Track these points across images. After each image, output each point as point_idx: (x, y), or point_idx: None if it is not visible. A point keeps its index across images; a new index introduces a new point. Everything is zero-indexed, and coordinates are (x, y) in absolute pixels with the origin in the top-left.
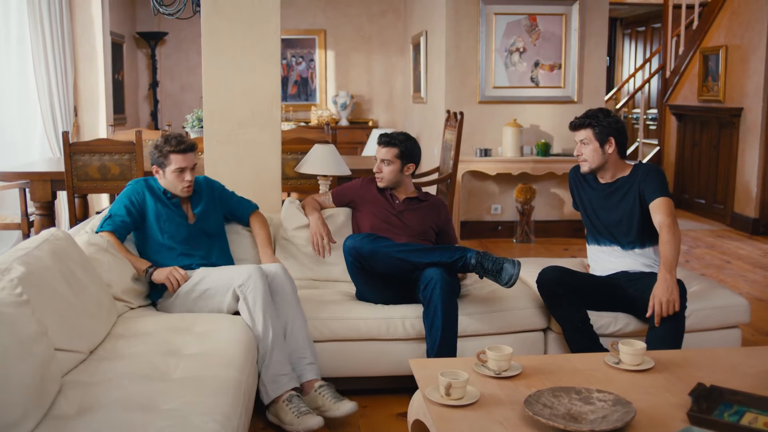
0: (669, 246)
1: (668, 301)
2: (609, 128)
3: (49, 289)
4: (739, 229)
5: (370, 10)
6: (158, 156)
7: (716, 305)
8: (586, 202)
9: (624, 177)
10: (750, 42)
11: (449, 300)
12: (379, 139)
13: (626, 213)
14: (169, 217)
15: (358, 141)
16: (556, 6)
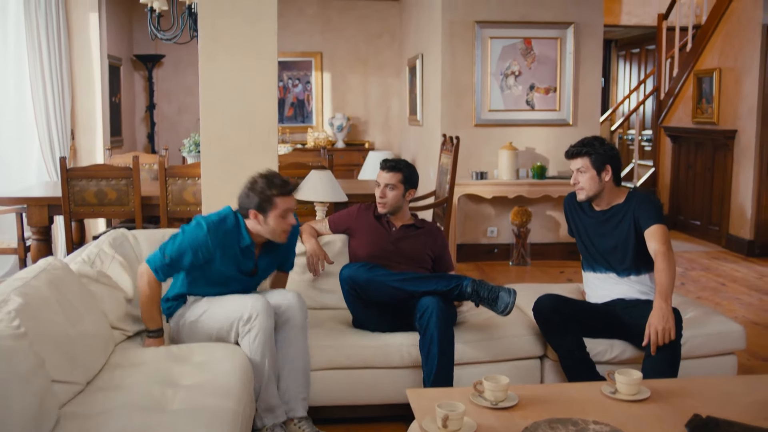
0: (664, 274)
1: (664, 329)
2: (605, 156)
3: (47, 321)
4: (735, 251)
5: (366, 32)
6: (261, 201)
7: (712, 332)
8: (582, 229)
9: (619, 204)
10: (743, 65)
11: (445, 328)
12: (382, 164)
13: (621, 240)
14: (231, 269)
15: (355, 163)
16: (551, 30)
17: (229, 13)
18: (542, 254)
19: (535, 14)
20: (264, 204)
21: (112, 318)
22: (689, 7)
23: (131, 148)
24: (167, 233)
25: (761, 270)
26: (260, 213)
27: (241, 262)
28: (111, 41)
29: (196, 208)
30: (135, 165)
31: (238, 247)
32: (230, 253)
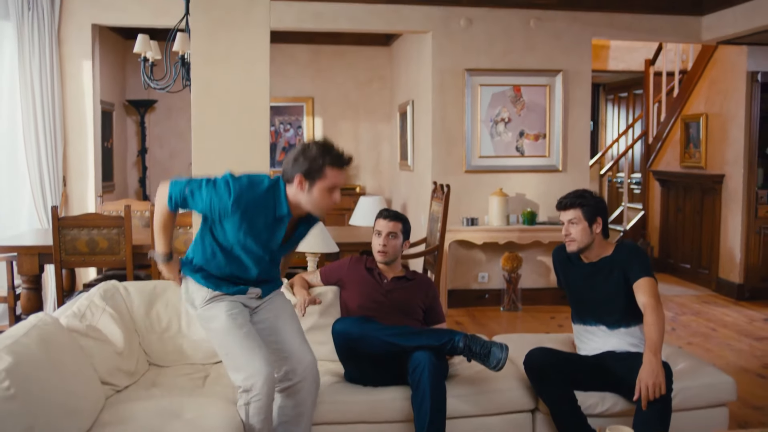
0: (653, 328)
1: (654, 384)
2: (596, 208)
3: (37, 381)
4: (725, 295)
5: (357, 78)
6: (311, 168)
7: (703, 383)
8: (571, 282)
9: (607, 256)
10: (728, 111)
11: (437, 383)
12: (384, 214)
13: (611, 293)
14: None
15: (346, 208)
16: (540, 77)
17: (222, 63)
18: (533, 299)
19: (524, 62)
20: (313, 172)
21: (102, 373)
22: (675, 53)
23: (123, 192)
24: (158, 285)
25: (751, 314)
26: (307, 180)
27: (270, 233)
28: (104, 87)
29: None
30: (126, 214)
31: (273, 215)
32: (259, 223)
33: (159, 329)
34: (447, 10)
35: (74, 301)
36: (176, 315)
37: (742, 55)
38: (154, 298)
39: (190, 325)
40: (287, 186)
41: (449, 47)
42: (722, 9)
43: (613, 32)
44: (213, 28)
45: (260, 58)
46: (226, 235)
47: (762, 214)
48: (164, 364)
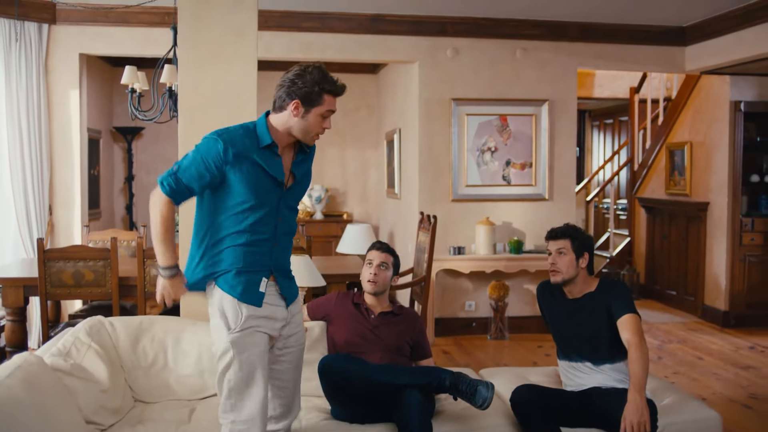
0: (637, 365)
1: (639, 423)
2: (584, 243)
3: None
4: (710, 321)
5: (344, 106)
6: (309, 92)
7: (688, 419)
8: (555, 318)
9: (591, 293)
10: (712, 140)
11: (425, 423)
12: (377, 245)
13: (595, 329)
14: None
15: (333, 235)
16: (526, 107)
17: (209, 96)
18: (520, 328)
19: (510, 92)
20: (311, 96)
21: (86, 412)
22: (660, 81)
23: (110, 219)
24: (144, 320)
25: (736, 342)
26: (303, 105)
27: (267, 171)
28: (91, 114)
29: None
30: (113, 246)
31: (257, 151)
32: (247, 165)
33: (145, 365)
34: (434, 40)
35: (59, 338)
36: (162, 350)
37: (725, 85)
38: (141, 333)
39: (176, 360)
40: (273, 115)
41: (436, 77)
42: (705, 40)
43: (598, 62)
44: (200, 61)
45: (247, 90)
46: (233, 198)
47: (746, 242)
48: (150, 400)
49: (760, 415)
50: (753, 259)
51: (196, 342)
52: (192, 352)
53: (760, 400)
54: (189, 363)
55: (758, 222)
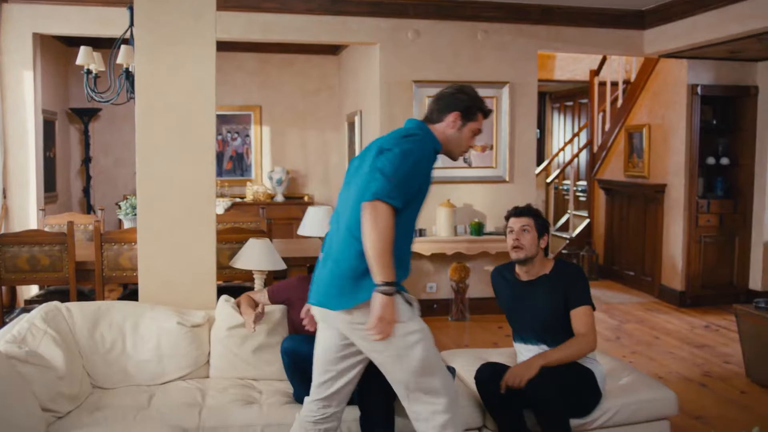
0: (567, 349)
1: (517, 375)
2: (545, 225)
3: None
4: (668, 301)
5: (304, 87)
6: (470, 105)
7: (644, 398)
8: (510, 301)
9: (546, 275)
10: (670, 122)
11: (386, 406)
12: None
13: (550, 313)
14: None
15: (294, 217)
16: (487, 89)
17: (167, 77)
18: (481, 309)
19: (471, 74)
20: (470, 110)
21: (43, 399)
22: (619, 64)
23: (66, 202)
24: (102, 306)
25: (692, 321)
26: (462, 119)
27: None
28: (46, 95)
29: (133, 273)
30: (69, 231)
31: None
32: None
33: (103, 350)
34: (394, 22)
35: (14, 324)
36: (120, 335)
37: (683, 69)
38: (98, 318)
39: (135, 346)
40: (435, 125)
41: (396, 59)
42: (664, 24)
43: (558, 45)
44: (158, 42)
45: (206, 73)
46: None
47: (702, 223)
48: (108, 386)
49: (714, 393)
50: (708, 240)
51: (155, 327)
52: (151, 337)
53: (714, 378)
54: (148, 348)
55: (714, 204)
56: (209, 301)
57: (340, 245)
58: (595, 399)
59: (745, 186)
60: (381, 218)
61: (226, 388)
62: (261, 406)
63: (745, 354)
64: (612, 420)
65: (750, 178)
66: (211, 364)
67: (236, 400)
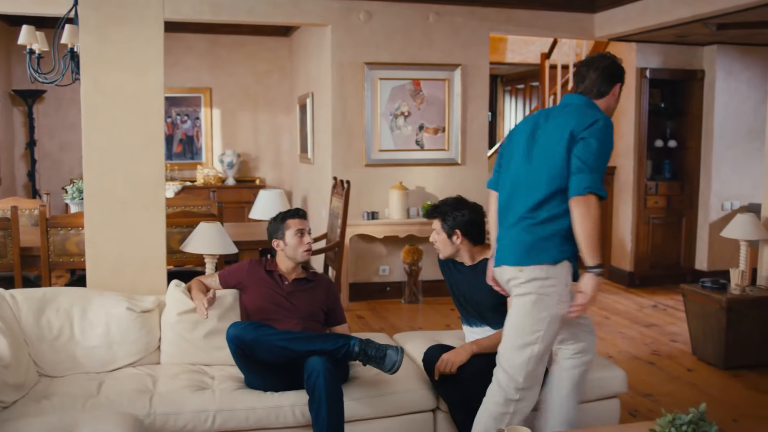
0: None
1: (448, 361)
2: (455, 222)
3: None
4: (617, 282)
5: (255, 69)
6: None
7: (594, 377)
8: (455, 285)
9: (486, 259)
10: (619, 105)
11: (333, 388)
12: (298, 212)
13: (492, 297)
14: None
15: (245, 200)
16: (439, 71)
17: (114, 58)
18: (434, 291)
19: (423, 56)
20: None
21: None
22: (570, 47)
23: (10, 187)
24: (48, 292)
25: (641, 301)
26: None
27: None
28: None
29: (81, 259)
30: (14, 216)
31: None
32: None
33: (50, 337)
34: (346, 3)
35: None
36: (68, 321)
37: (632, 52)
38: (44, 305)
39: (83, 332)
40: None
41: (348, 40)
42: (614, 7)
43: (510, 27)
44: (103, 22)
45: (154, 52)
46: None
47: (651, 205)
48: (56, 375)
49: (662, 371)
50: (657, 221)
51: (103, 313)
52: (99, 323)
53: (662, 356)
54: (97, 334)
55: (662, 185)
56: (159, 286)
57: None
58: None
59: (692, 168)
60: (593, 209)
61: (178, 374)
62: (213, 391)
63: (691, 333)
64: None
65: (696, 160)
66: (161, 350)
67: (188, 385)
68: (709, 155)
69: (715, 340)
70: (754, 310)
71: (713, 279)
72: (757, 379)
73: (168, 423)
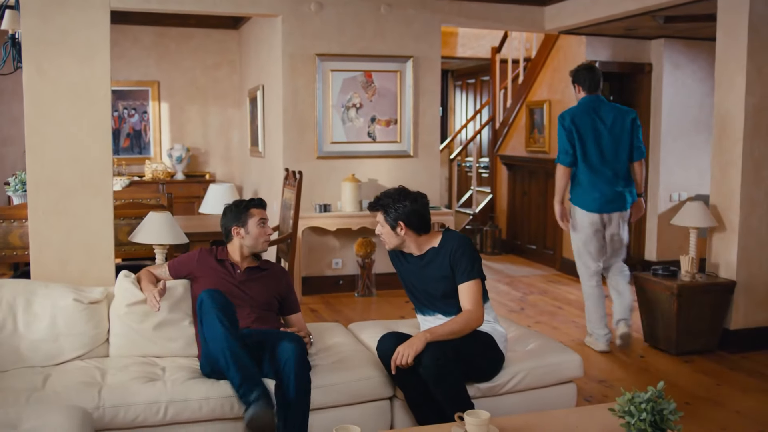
0: (452, 325)
1: (404, 354)
2: (397, 213)
3: None
4: (568, 273)
5: (204, 62)
6: None
7: (551, 362)
8: (405, 275)
9: (434, 248)
10: (570, 97)
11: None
12: (258, 202)
13: (441, 285)
14: None
15: (195, 195)
16: (391, 63)
17: (58, 50)
18: (387, 284)
19: (375, 48)
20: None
21: None
22: (520, 41)
23: None
24: None
25: None
26: None
27: None
28: None
29: (24, 252)
30: None
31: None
32: None
33: None
34: None
35: None
36: (11, 314)
37: (581, 45)
38: None
39: (28, 325)
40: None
41: (299, 32)
42: (564, 1)
43: (461, 20)
44: (46, 6)
45: (100, 39)
46: None
47: None
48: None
49: (615, 358)
50: None
51: (49, 304)
52: (45, 315)
53: (613, 344)
54: (42, 327)
55: None
56: (107, 277)
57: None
58: (498, 362)
59: None
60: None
61: (127, 366)
62: (165, 382)
63: (643, 320)
64: (521, 384)
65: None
66: (110, 342)
67: (138, 377)
68: (657, 147)
69: (667, 326)
70: (703, 296)
71: (664, 266)
72: (707, 363)
73: (118, 415)
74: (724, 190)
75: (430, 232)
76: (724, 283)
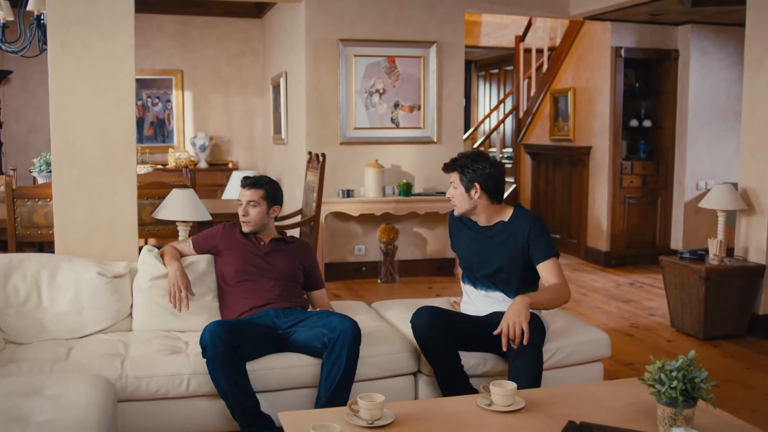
0: (549, 293)
1: (515, 323)
2: (474, 174)
3: None
4: (593, 262)
5: (227, 51)
6: None
7: (579, 341)
8: (464, 245)
9: (503, 222)
10: (594, 85)
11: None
12: (243, 182)
13: (506, 261)
14: None
15: (218, 183)
16: (414, 49)
17: (82, 27)
18: (410, 271)
19: (398, 33)
20: None
21: None
22: (544, 30)
23: None
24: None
25: (617, 279)
26: None
27: None
28: None
29: (49, 231)
30: None
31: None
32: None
33: (16, 303)
34: None
35: None
36: (36, 287)
37: (607, 31)
38: (10, 271)
39: (52, 298)
40: None
41: (322, 17)
42: None
43: (485, 5)
44: None
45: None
46: None
47: (626, 184)
48: (23, 341)
49: (640, 341)
50: (632, 201)
51: (73, 278)
52: (69, 288)
53: (640, 328)
54: (65, 300)
55: (637, 165)
56: (131, 252)
57: None
58: (542, 340)
59: (667, 148)
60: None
61: (151, 339)
62: (188, 355)
63: (670, 304)
64: (549, 362)
65: (671, 140)
66: (133, 316)
67: (161, 350)
68: (684, 135)
69: (694, 310)
70: (732, 279)
71: (691, 250)
72: (735, 348)
73: (141, 387)
74: (753, 171)
75: (502, 204)
76: (753, 267)
